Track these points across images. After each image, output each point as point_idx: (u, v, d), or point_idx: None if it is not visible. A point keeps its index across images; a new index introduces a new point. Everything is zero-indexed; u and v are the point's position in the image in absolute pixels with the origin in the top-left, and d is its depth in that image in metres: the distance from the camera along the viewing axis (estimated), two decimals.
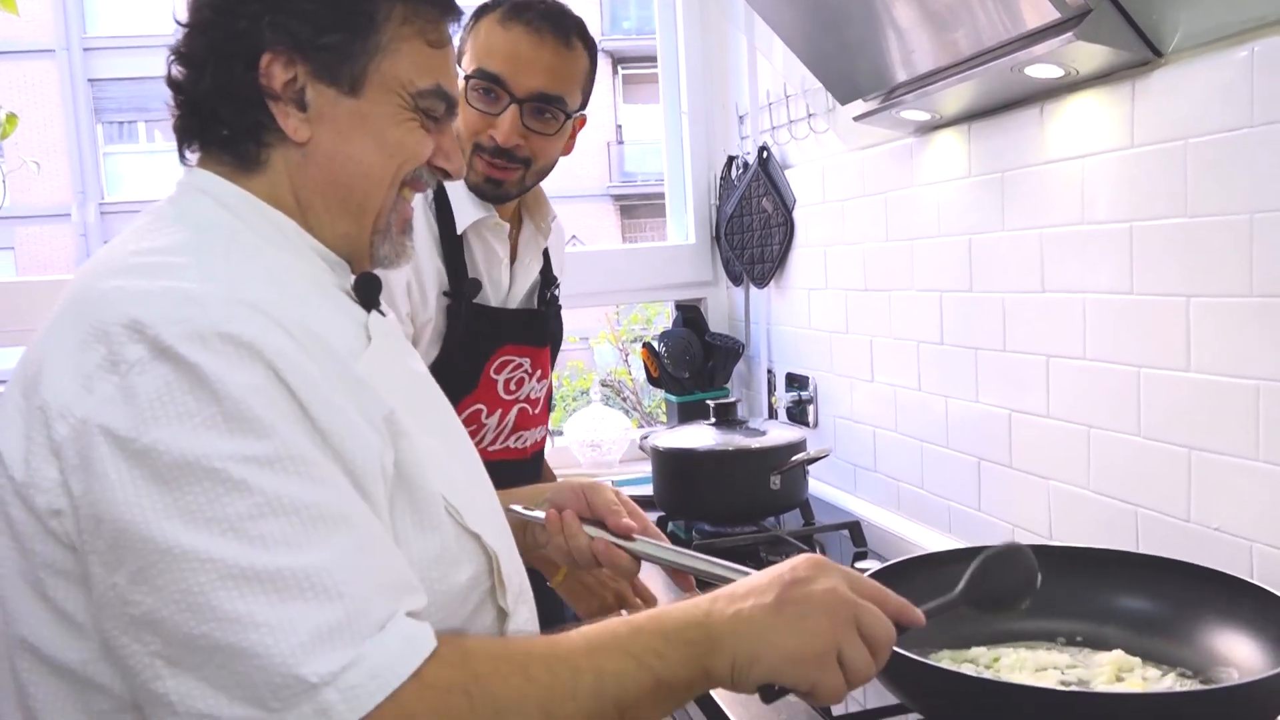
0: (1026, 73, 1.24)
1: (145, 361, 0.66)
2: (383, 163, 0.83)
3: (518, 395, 1.54)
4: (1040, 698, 0.87)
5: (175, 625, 0.63)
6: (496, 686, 0.69)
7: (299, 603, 0.63)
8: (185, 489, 0.63)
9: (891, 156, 1.71)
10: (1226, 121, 1.06)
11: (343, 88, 0.81)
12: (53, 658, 0.69)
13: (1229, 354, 1.08)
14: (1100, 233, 1.25)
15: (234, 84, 0.79)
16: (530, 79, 1.36)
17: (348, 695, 0.63)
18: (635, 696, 0.71)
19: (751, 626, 0.74)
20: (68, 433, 0.66)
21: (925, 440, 1.69)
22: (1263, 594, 0.97)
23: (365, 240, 0.86)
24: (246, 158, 0.82)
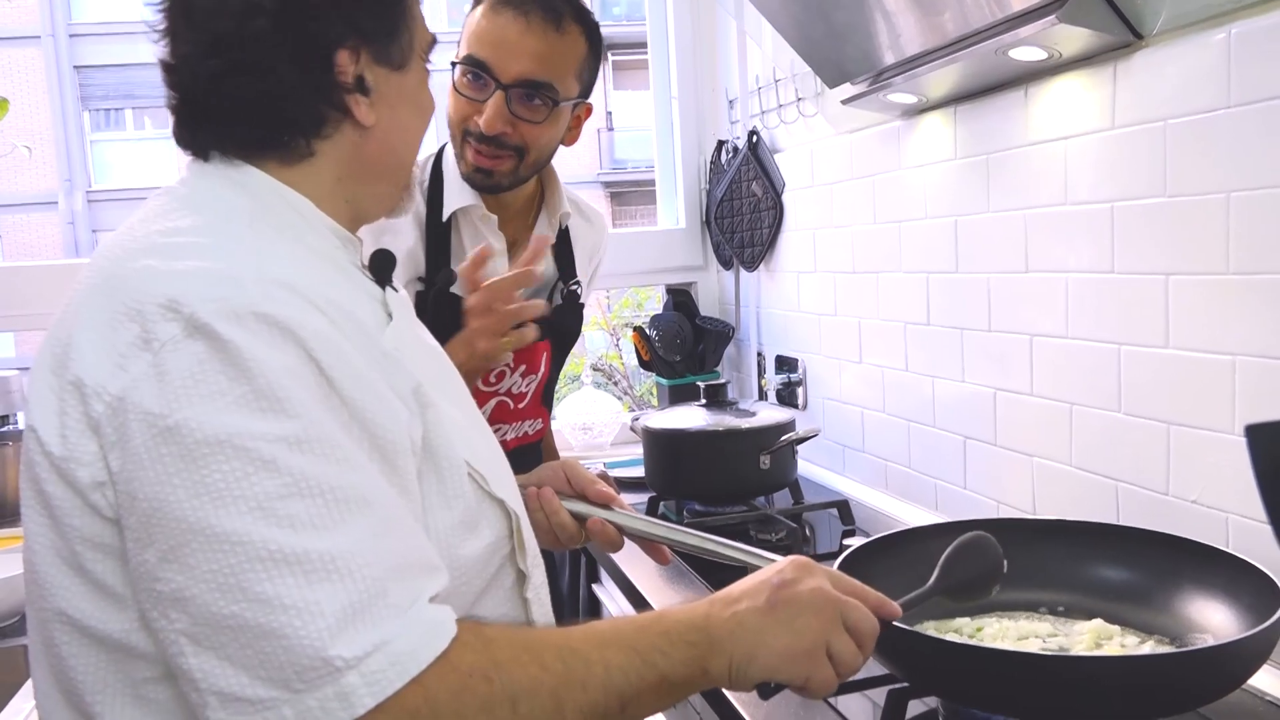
0: (1010, 55, 1.26)
1: (179, 339, 0.66)
2: (421, 124, 0.90)
3: (497, 388, 1.52)
4: (1021, 662, 0.90)
5: (203, 604, 0.64)
6: (515, 672, 0.71)
7: (325, 585, 0.64)
8: (215, 467, 0.64)
9: (879, 139, 1.73)
10: (1205, 103, 1.08)
11: (394, 65, 0.85)
12: (93, 629, 0.71)
13: (1206, 330, 1.11)
14: (1082, 213, 1.28)
15: (309, 84, 0.80)
16: (516, 64, 1.34)
17: (369, 679, 0.64)
18: (638, 690, 0.75)
19: (746, 628, 0.78)
20: (104, 410, 0.67)
21: (912, 420, 1.72)
22: (1237, 562, 1.00)
23: (399, 194, 0.91)
24: (295, 152, 0.82)
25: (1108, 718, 0.87)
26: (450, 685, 0.68)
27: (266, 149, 0.82)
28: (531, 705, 0.71)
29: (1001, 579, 0.97)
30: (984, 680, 0.89)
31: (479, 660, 0.70)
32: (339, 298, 0.75)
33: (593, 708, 0.73)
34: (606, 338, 4.65)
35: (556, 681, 0.72)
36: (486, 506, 0.84)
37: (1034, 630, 1.07)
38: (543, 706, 0.71)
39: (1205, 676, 0.87)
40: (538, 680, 0.72)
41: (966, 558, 0.95)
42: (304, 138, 0.82)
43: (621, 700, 0.74)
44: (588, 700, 0.73)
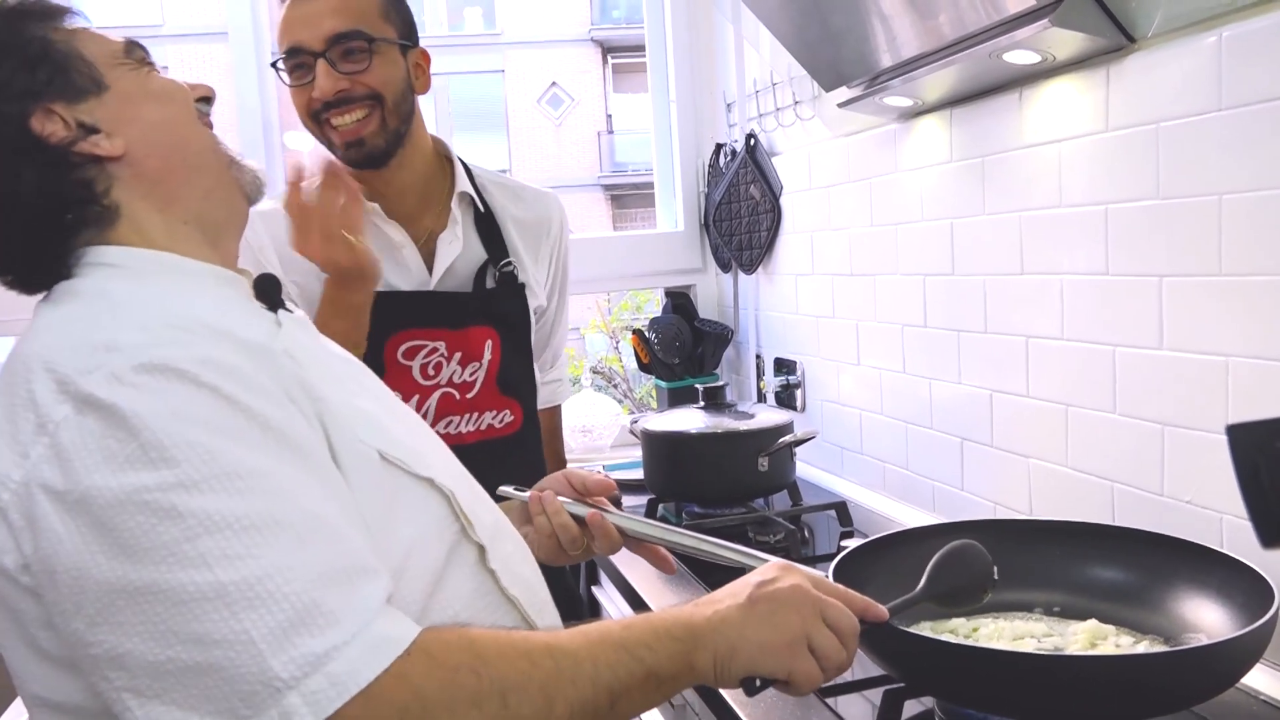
0: (1005, 59, 1.27)
1: (70, 417, 0.69)
2: (173, 109, 0.88)
3: (437, 380, 1.49)
4: (1016, 662, 0.90)
5: (138, 656, 0.65)
6: (503, 667, 0.72)
7: (250, 613, 0.65)
8: (121, 527, 0.66)
9: (875, 143, 1.74)
10: (1196, 105, 1.09)
11: (93, 92, 0.84)
12: (61, 704, 0.73)
13: (1200, 332, 1.11)
14: (1077, 215, 1.28)
15: (36, 172, 0.80)
16: (317, 30, 1.35)
17: (309, 699, 0.65)
18: (627, 686, 0.76)
19: (727, 624, 0.81)
20: (10, 498, 0.69)
21: (910, 422, 1.73)
22: (1230, 562, 1.00)
23: (227, 180, 0.90)
24: (101, 218, 0.83)
25: (1102, 717, 0.88)
26: (438, 680, 0.69)
27: (75, 237, 0.82)
28: (521, 699, 0.71)
29: (993, 586, 0.97)
30: (979, 680, 0.90)
31: (466, 657, 0.71)
32: (217, 321, 0.76)
33: (583, 703, 0.74)
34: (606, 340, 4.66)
35: (545, 677, 0.73)
36: (414, 489, 0.84)
37: (1029, 630, 1.07)
38: (532, 701, 0.72)
39: (1199, 675, 0.88)
40: (527, 675, 0.73)
41: (954, 565, 0.96)
42: (93, 204, 0.82)
43: (611, 696, 0.76)
44: (577, 695, 0.74)
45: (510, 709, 0.71)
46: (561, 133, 16.01)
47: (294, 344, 0.82)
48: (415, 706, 0.68)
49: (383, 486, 0.81)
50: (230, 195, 0.91)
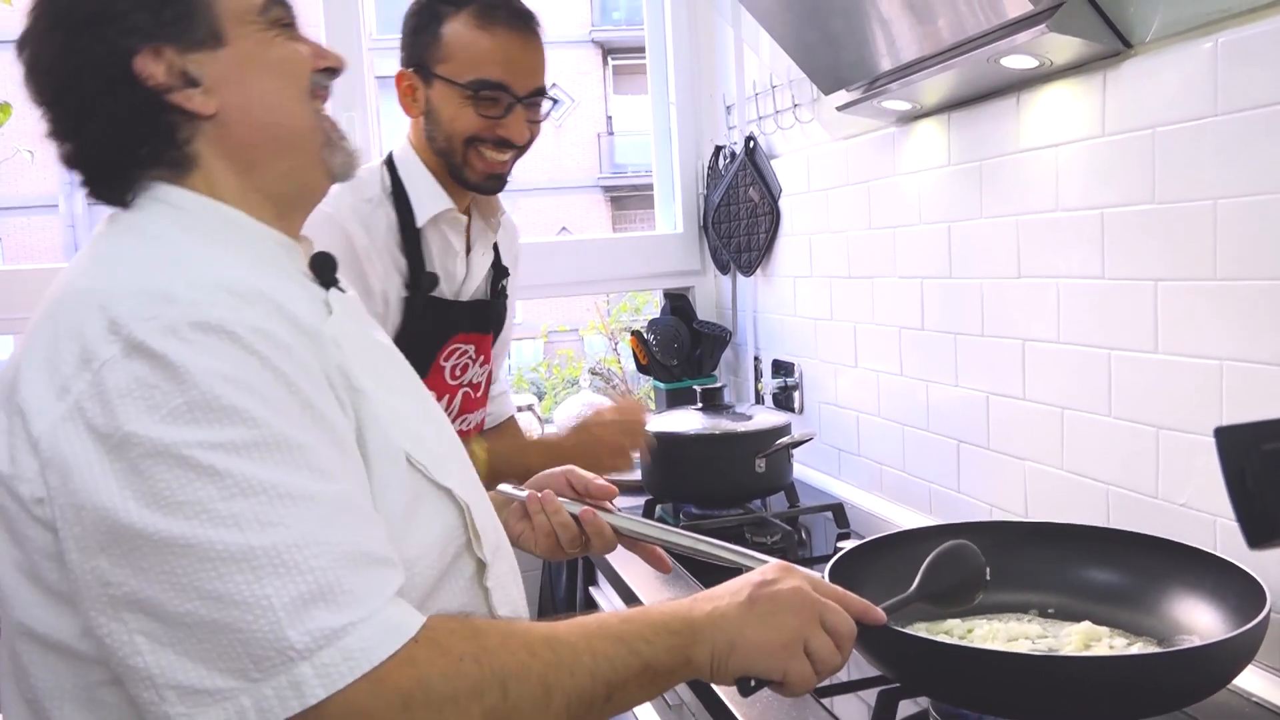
0: (1003, 63, 1.27)
1: (117, 359, 0.69)
2: (285, 85, 0.86)
3: (461, 380, 1.57)
4: (1010, 663, 0.91)
5: (159, 604, 0.66)
6: (504, 657, 0.73)
7: (274, 579, 0.66)
8: (158, 477, 0.66)
9: (874, 146, 1.75)
10: (1192, 111, 1.10)
11: (210, 45, 0.82)
12: (47, 636, 0.73)
13: (1194, 336, 1.12)
14: (1073, 219, 1.29)
15: (127, 105, 0.81)
16: (528, 79, 1.44)
17: (321, 671, 0.66)
18: (624, 678, 0.77)
19: (727, 620, 0.82)
20: (45, 428, 0.69)
21: (907, 424, 1.73)
22: (1223, 564, 1.01)
23: (314, 162, 0.88)
24: (177, 162, 0.83)
25: (1096, 718, 0.89)
26: (442, 668, 0.70)
27: (148, 170, 0.83)
28: (521, 689, 0.73)
29: (985, 586, 0.98)
30: (974, 681, 0.91)
31: (469, 646, 0.72)
32: (273, 293, 0.77)
33: (580, 694, 0.75)
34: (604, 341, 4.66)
35: (544, 667, 0.74)
36: (432, 496, 0.84)
37: (1024, 632, 1.08)
38: (531, 692, 0.73)
39: (1191, 677, 0.88)
40: (526, 665, 0.73)
41: (948, 566, 0.97)
42: (170, 147, 0.83)
43: (609, 687, 0.77)
44: (575, 686, 0.75)
45: (510, 699, 0.72)
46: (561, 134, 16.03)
47: (342, 331, 0.83)
48: (419, 693, 0.69)
49: (404, 487, 0.82)
50: (312, 174, 0.89)
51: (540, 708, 0.73)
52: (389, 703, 0.68)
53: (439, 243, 1.51)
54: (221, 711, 0.65)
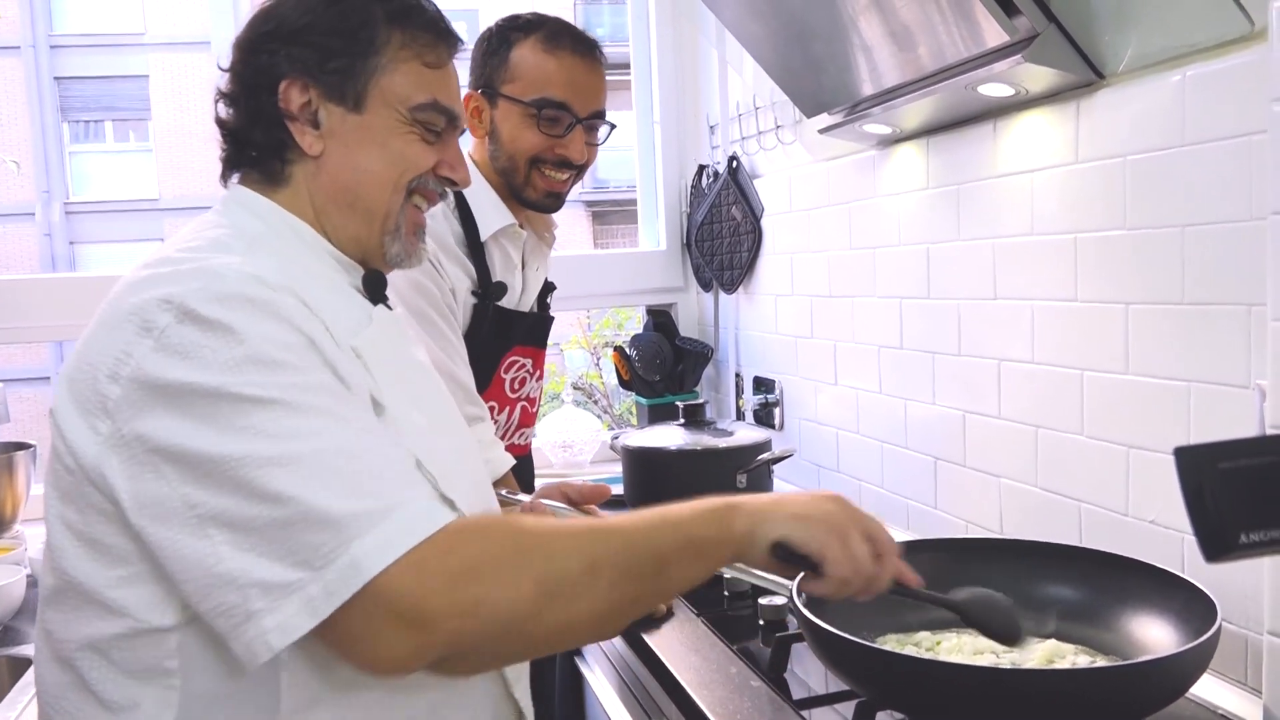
0: (980, 91, 1.31)
1: (173, 325, 0.77)
2: (384, 170, 0.94)
3: (520, 394, 1.63)
4: (973, 676, 0.94)
5: (234, 514, 0.73)
6: (545, 537, 0.78)
7: (328, 474, 0.74)
8: (220, 412, 0.75)
9: (855, 168, 1.78)
10: (1161, 140, 1.13)
11: (348, 105, 0.92)
12: (83, 584, 0.81)
13: (1163, 357, 1.16)
14: (1047, 243, 1.33)
15: (261, 110, 0.92)
16: (590, 101, 1.52)
17: (370, 551, 0.72)
18: (668, 551, 0.81)
19: (765, 500, 0.88)
20: (119, 391, 0.77)
21: (885, 441, 1.76)
22: (1185, 584, 1.04)
23: (376, 240, 0.96)
24: (273, 174, 0.94)
25: None
26: (483, 547, 0.75)
27: (246, 168, 0.95)
28: (566, 562, 0.77)
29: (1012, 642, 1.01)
30: (938, 693, 0.93)
31: (507, 529, 0.78)
32: (315, 299, 0.85)
33: (627, 566, 0.79)
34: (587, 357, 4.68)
35: (586, 543, 0.79)
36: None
37: (991, 646, 1.10)
38: (578, 564, 0.77)
39: (1145, 689, 0.92)
40: (567, 543, 0.78)
41: (995, 608, 1.00)
42: (274, 159, 0.94)
43: (655, 560, 0.80)
44: (621, 559, 0.79)
45: (556, 569, 0.76)
46: None
47: (372, 343, 0.90)
48: (466, 573, 0.74)
49: None
50: (370, 248, 0.97)
51: (588, 581, 0.77)
52: (437, 581, 0.73)
53: (500, 256, 1.57)
54: (296, 601, 0.72)
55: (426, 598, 0.72)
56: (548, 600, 0.75)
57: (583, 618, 0.78)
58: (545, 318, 1.70)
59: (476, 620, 0.73)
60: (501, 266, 1.57)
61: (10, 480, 1.84)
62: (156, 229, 12.82)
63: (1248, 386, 1.04)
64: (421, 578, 0.72)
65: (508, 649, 0.80)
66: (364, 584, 0.71)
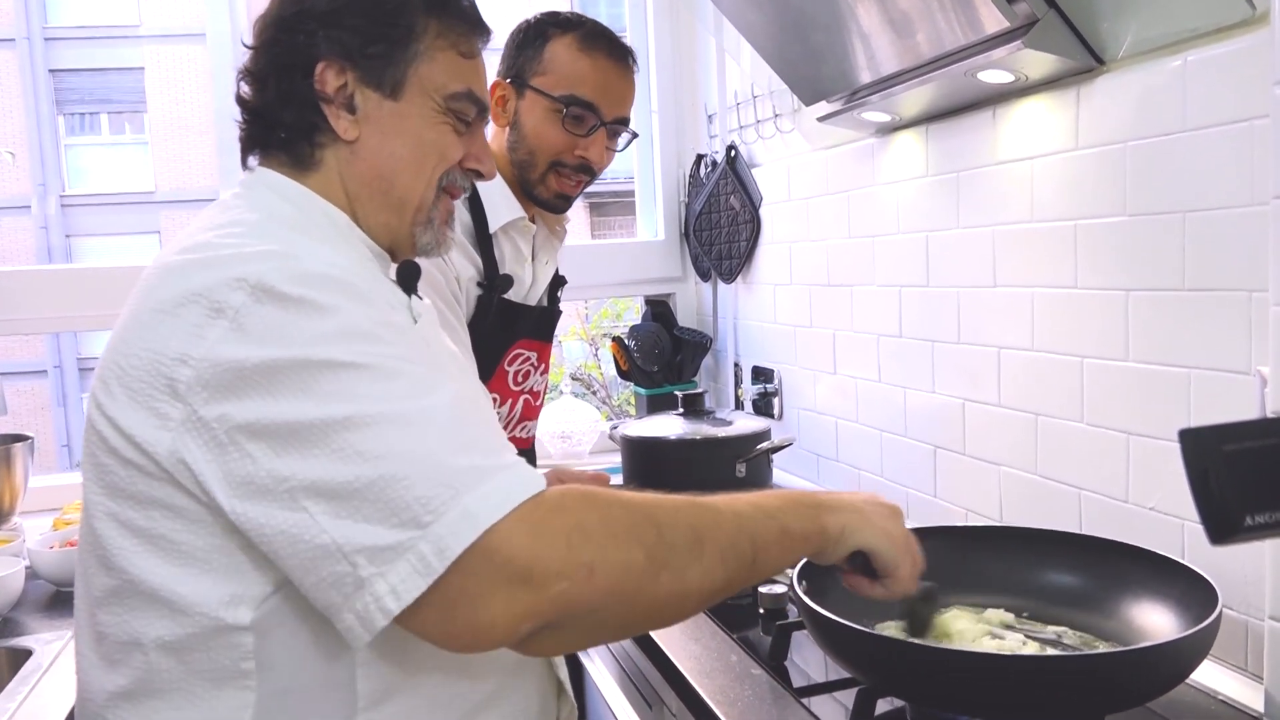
0: (979, 78, 1.31)
1: (249, 304, 0.74)
2: (419, 159, 0.93)
3: (524, 387, 1.62)
4: (972, 661, 0.93)
5: (329, 481, 0.71)
6: (651, 507, 0.78)
7: (429, 429, 0.72)
8: (309, 380, 0.72)
9: (854, 156, 1.78)
10: (1162, 126, 1.13)
11: (385, 91, 0.91)
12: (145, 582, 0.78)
13: (1164, 344, 1.15)
14: (1047, 230, 1.32)
15: (293, 91, 0.90)
16: (617, 106, 1.52)
17: (484, 500, 0.70)
18: (766, 538, 0.82)
19: (853, 504, 0.91)
20: (192, 374, 0.74)
21: (885, 430, 1.76)
22: (1185, 570, 1.04)
23: (406, 230, 0.95)
24: (302, 158, 0.92)
25: (1064, 713, 0.91)
26: (595, 512, 0.74)
27: (273, 150, 0.92)
28: (674, 535, 0.77)
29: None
30: (942, 680, 0.92)
31: (614, 499, 0.77)
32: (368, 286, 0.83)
33: (729, 545, 0.79)
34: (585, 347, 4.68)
35: (692, 517, 0.79)
36: None
37: (989, 631, 1.10)
38: (684, 537, 0.77)
39: (1146, 674, 0.91)
40: (674, 515, 0.78)
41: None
42: (304, 142, 0.91)
43: (753, 544, 0.81)
44: (724, 537, 0.79)
45: (665, 540, 0.76)
46: None
47: (428, 334, 0.91)
48: (578, 534, 0.72)
49: None
50: (401, 237, 0.96)
51: (695, 554, 0.77)
52: (553, 540, 0.71)
53: (510, 248, 1.56)
54: (406, 563, 0.69)
55: (541, 556, 0.70)
56: (657, 570, 0.74)
57: (687, 591, 0.77)
58: (552, 311, 1.70)
59: (588, 584, 0.71)
60: (511, 258, 1.56)
61: (8, 472, 1.84)
62: (153, 222, 12.80)
63: (1248, 373, 1.04)
64: (537, 535, 0.70)
65: (611, 619, 0.76)
66: (477, 537, 0.69)
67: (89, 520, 0.81)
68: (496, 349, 1.56)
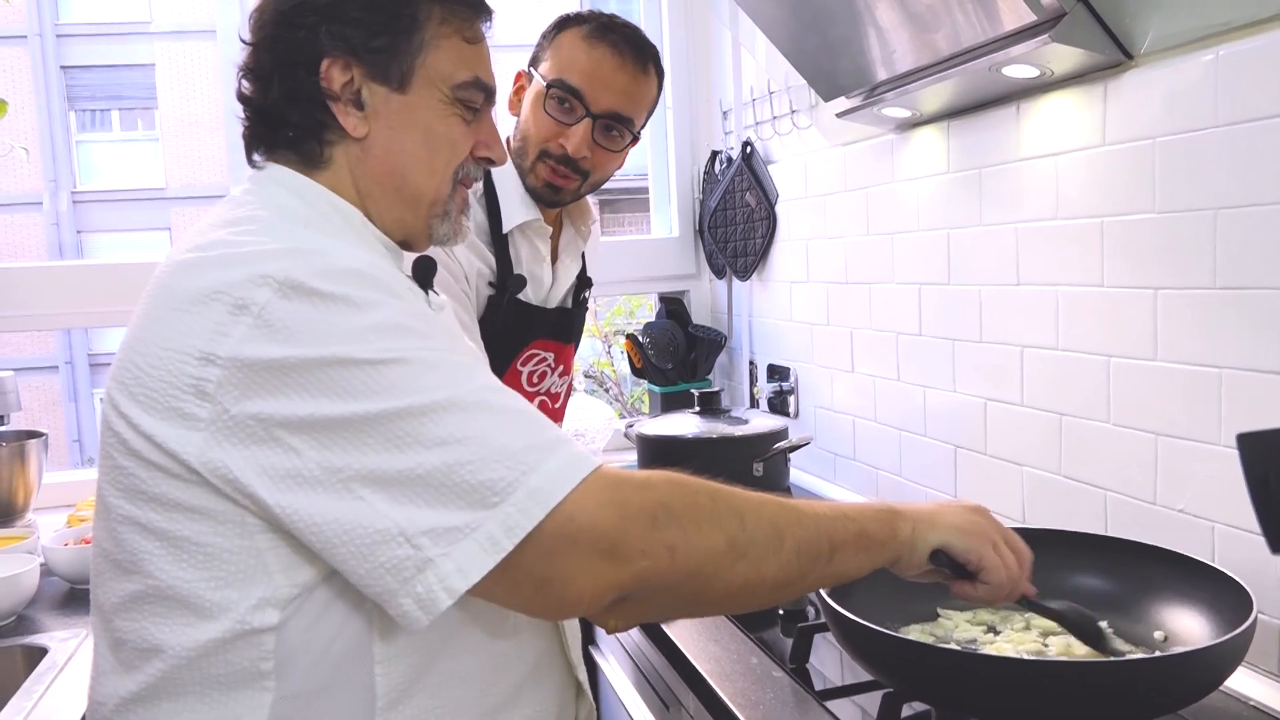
0: (1004, 73, 1.28)
1: (275, 301, 0.73)
2: (431, 154, 0.92)
3: (540, 388, 1.59)
4: (1001, 667, 0.91)
5: (386, 469, 0.70)
6: (737, 500, 0.79)
7: (486, 414, 0.72)
8: (350, 377, 0.71)
9: (873, 152, 1.76)
10: (1192, 122, 1.11)
11: (392, 85, 0.89)
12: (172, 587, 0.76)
13: (1194, 343, 1.13)
14: (1072, 228, 1.30)
15: (299, 89, 0.88)
16: (607, 98, 1.45)
17: (552, 476, 0.70)
18: (843, 539, 0.83)
19: (925, 511, 0.91)
20: (220, 373, 0.72)
21: (903, 429, 1.74)
22: (1216, 574, 1.02)
23: (423, 224, 0.94)
24: (311, 156, 0.90)
25: None
26: (680, 496, 0.75)
27: (280, 149, 0.90)
28: (756, 526, 0.77)
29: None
30: (972, 686, 0.91)
31: (699, 486, 0.77)
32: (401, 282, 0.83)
33: (807, 543, 0.80)
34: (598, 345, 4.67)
35: (774, 513, 0.80)
36: None
37: (1014, 638, 1.08)
38: (765, 530, 0.78)
39: (1180, 681, 0.90)
40: (757, 508, 0.79)
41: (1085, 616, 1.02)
42: (313, 141, 0.89)
43: (830, 544, 0.82)
44: (803, 534, 0.80)
45: (748, 530, 0.77)
46: None
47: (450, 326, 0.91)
48: (663, 514, 0.73)
49: None
50: (416, 231, 0.95)
51: (774, 547, 0.78)
52: (638, 515, 0.72)
53: (527, 248, 1.53)
54: (473, 543, 0.69)
55: (627, 530, 0.71)
56: (736, 558, 0.76)
57: (762, 581, 0.78)
58: (575, 313, 1.66)
59: (669, 562, 0.73)
60: (529, 258, 1.53)
61: (23, 469, 1.83)
62: (163, 218, 12.83)
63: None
64: (623, 511, 0.72)
65: (685, 598, 0.78)
66: (546, 514, 0.69)
67: (107, 524, 0.79)
68: (509, 349, 1.54)
